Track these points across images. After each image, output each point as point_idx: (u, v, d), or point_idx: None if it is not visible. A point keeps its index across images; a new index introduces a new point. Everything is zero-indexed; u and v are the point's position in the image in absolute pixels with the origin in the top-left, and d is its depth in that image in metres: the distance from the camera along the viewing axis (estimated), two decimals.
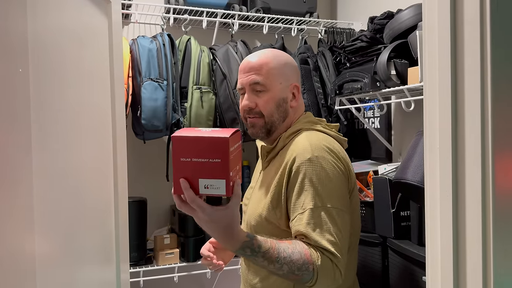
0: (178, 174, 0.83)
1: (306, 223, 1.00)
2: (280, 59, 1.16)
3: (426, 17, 0.77)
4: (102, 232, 1.10)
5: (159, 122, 1.78)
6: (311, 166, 1.03)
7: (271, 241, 0.96)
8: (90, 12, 1.05)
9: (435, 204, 0.75)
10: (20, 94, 0.63)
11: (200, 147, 0.81)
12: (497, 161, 0.66)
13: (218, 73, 1.95)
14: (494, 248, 0.65)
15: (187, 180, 0.83)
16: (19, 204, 0.64)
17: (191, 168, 0.82)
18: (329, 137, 1.12)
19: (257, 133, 1.16)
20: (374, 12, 2.09)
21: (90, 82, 1.04)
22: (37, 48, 0.71)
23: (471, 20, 0.69)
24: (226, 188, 0.83)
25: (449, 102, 0.72)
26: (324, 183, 1.02)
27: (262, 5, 2.19)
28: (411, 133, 1.92)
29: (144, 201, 1.99)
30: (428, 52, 0.77)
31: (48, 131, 0.76)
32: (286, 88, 1.15)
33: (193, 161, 0.82)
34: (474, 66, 0.68)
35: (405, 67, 1.55)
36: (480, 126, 0.67)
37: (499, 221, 0.66)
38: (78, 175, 0.93)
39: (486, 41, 0.67)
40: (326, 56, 2.12)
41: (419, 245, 1.40)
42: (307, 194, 1.02)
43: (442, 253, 0.73)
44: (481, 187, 0.67)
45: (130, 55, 1.78)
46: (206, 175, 0.82)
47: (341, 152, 1.11)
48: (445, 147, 0.73)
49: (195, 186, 0.83)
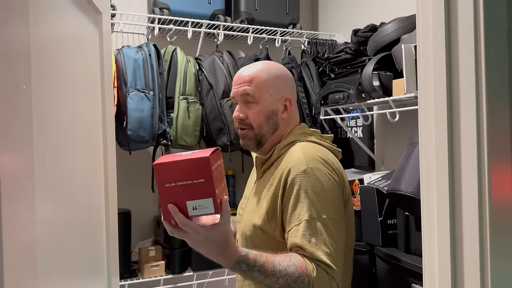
0: (165, 200, 0.85)
1: (301, 235, 1.01)
2: (271, 71, 1.18)
3: (421, 32, 0.80)
4: (94, 246, 1.08)
5: (145, 132, 1.76)
6: (306, 177, 1.04)
7: (266, 254, 0.97)
8: (82, 23, 1.03)
9: (432, 215, 0.77)
10: (23, 111, 0.62)
11: (183, 170, 0.83)
12: (493, 172, 0.69)
13: (205, 83, 1.95)
14: (492, 259, 0.68)
15: (175, 205, 0.84)
16: (22, 221, 0.62)
17: (177, 192, 0.83)
18: (323, 148, 1.14)
19: (248, 144, 1.18)
20: (355, 24, 2.15)
21: (82, 94, 1.02)
22: (38, 63, 0.69)
23: (465, 37, 0.72)
24: (214, 205, 0.84)
25: (445, 114, 0.74)
26: (319, 194, 1.03)
27: (246, 16, 2.22)
28: (393, 142, 1.97)
29: (128, 213, 1.95)
30: (422, 65, 0.80)
31: (48, 147, 0.74)
32: (278, 100, 1.17)
33: (178, 185, 0.83)
34: (469, 81, 0.71)
35: (390, 79, 1.60)
36: (476, 137, 0.70)
37: (496, 232, 0.68)
38: (72, 188, 0.91)
39: (480, 54, 0.70)
40: (310, 66, 2.15)
41: (406, 253, 1.43)
42: (303, 206, 1.03)
43: (439, 264, 0.75)
44: (478, 198, 0.69)
45: (115, 65, 1.76)
46: (193, 196, 0.84)
47: (336, 163, 1.12)
48: (441, 159, 0.75)
49: (184, 210, 0.85)
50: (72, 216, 0.91)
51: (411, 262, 1.34)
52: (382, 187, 1.51)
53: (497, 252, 0.68)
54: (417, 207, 0.83)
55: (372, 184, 1.57)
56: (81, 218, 0.97)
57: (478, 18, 0.70)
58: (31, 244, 0.66)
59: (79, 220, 0.96)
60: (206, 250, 0.91)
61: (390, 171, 1.64)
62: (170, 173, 0.83)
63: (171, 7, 2.06)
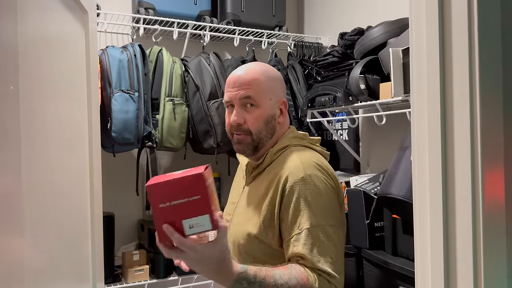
0: (160, 221, 0.82)
1: (303, 244, 0.98)
2: (269, 74, 1.14)
3: (414, 34, 0.80)
4: (78, 251, 1.04)
5: (130, 134, 1.73)
6: (305, 185, 1.02)
7: (265, 268, 0.94)
8: (68, 22, 1.00)
9: (424, 219, 0.77)
10: (11, 112, 0.59)
11: (177, 188, 0.81)
12: (486, 175, 0.69)
13: (191, 85, 1.92)
14: (485, 262, 0.68)
15: (170, 225, 0.81)
16: (9, 225, 0.59)
17: (172, 212, 0.81)
18: (317, 154, 1.13)
19: (244, 150, 1.13)
20: (341, 27, 2.16)
21: (68, 94, 0.99)
22: (25, 63, 0.67)
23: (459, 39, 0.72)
24: (212, 222, 0.82)
25: (439, 117, 0.75)
26: (318, 201, 1.02)
27: (232, 18, 2.20)
28: (379, 145, 1.98)
29: (112, 216, 1.91)
30: (416, 68, 0.80)
31: (35, 150, 0.71)
32: (275, 104, 1.13)
33: (173, 204, 0.81)
34: (463, 84, 0.72)
35: (377, 82, 1.61)
36: (469, 140, 0.70)
37: (489, 235, 0.69)
38: (58, 191, 0.88)
39: (474, 56, 0.70)
40: (296, 69, 2.15)
41: (393, 255, 1.44)
42: (303, 214, 1.00)
43: (432, 268, 0.75)
44: (471, 202, 0.70)
45: (99, 66, 1.72)
46: (189, 214, 0.81)
47: (329, 168, 1.11)
48: (434, 162, 0.75)
49: (180, 229, 0.82)
50: (57, 220, 0.88)
51: (398, 264, 1.35)
52: (369, 189, 1.52)
53: (491, 256, 0.69)
54: (408, 210, 0.84)
55: (359, 186, 1.57)
56: (66, 223, 0.94)
57: (472, 20, 0.70)
58: (17, 249, 0.63)
59: (64, 225, 0.92)
60: (205, 269, 0.88)
61: (377, 174, 1.66)
62: (164, 193, 0.81)
63: (156, 7, 2.04)
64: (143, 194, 2.06)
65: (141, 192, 2.04)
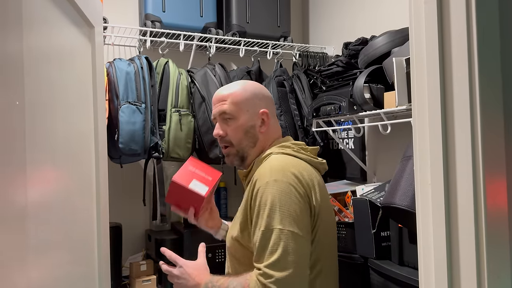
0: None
1: (257, 246, 1.05)
2: (246, 88, 1.24)
3: (414, 45, 0.81)
4: (85, 262, 1.05)
5: (137, 145, 1.75)
6: (267, 189, 1.07)
7: (228, 277, 1.13)
8: (74, 37, 1.03)
9: (427, 229, 0.77)
10: (17, 127, 0.61)
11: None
12: (488, 184, 0.69)
13: (197, 96, 1.95)
14: (488, 272, 0.68)
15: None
16: (14, 238, 0.60)
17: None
18: (297, 161, 1.16)
19: (232, 161, 1.25)
20: (345, 37, 2.18)
21: (75, 107, 1.01)
22: (31, 78, 0.68)
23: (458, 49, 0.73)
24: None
25: (440, 127, 0.75)
26: (279, 205, 1.05)
27: (238, 29, 2.23)
28: (385, 154, 1.98)
29: (119, 227, 1.93)
30: (416, 78, 0.81)
31: (41, 163, 0.73)
32: (254, 115, 1.22)
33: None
34: (463, 93, 0.72)
35: (381, 91, 1.61)
36: (470, 149, 0.71)
37: (492, 244, 0.69)
38: (65, 203, 0.89)
39: (474, 66, 0.71)
40: (302, 79, 2.16)
41: (400, 265, 1.43)
42: (263, 217, 1.06)
43: (436, 278, 0.75)
44: (474, 211, 0.70)
45: (107, 78, 1.75)
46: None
47: (306, 176, 1.12)
48: (436, 172, 0.75)
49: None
50: (64, 231, 0.89)
51: (404, 274, 1.33)
52: (375, 199, 1.52)
53: (494, 264, 0.68)
54: (412, 220, 0.83)
55: (365, 196, 1.57)
56: (73, 233, 0.95)
57: (471, 30, 0.71)
58: (22, 261, 0.64)
59: (71, 235, 0.94)
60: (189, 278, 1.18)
61: (383, 183, 1.65)
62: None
63: (163, 20, 2.07)
64: (150, 205, 2.07)
65: (148, 202, 2.05)
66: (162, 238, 1.95)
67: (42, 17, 0.79)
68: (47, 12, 0.82)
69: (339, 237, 1.65)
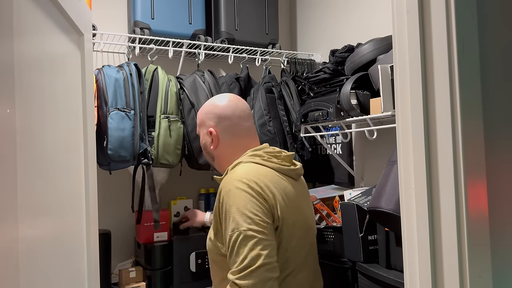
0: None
1: (228, 249, 1.12)
2: (205, 106, 1.37)
3: (397, 53, 0.84)
4: (74, 269, 1.05)
5: (126, 152, 1.75)
6: (229, 196, 1.15)
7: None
8: (64, 44, 1.03)
9: (412, 231, 0.79)
10: (7, 136, 0.61)
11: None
12: (469, 188, 0.72)
13: (186, 102, 1.96)
14: (470, 272, 0.70)
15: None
16: (4, 243, 0.61)
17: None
18: (263, 169, 1.22)
19: (213, 171, 1.47)
20: (332, 44, 2.21)
21: (64, 114, 1.01)
22: (21, 85, 0.69)
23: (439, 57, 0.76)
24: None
25: (422, 133, 0.78)
26: (240, 211, 1.12)
27: (226, 36, 2.25)
28: (372, 159, 2.01)
29: (108, 234, 1.92)
30: (399, 85, 0.83)
31: (31, 170, 0.73)
32: (205, 134, 1.36)
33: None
34: (444, 99, 0.75)
35: (367, 98, 1.65)
36: (452, 154, 0.73)
37: (473, 245, 0.71)
38: (54, 210, 0.90)
39: (454, 73, 0.73)
40: (290, 85, 2.19)
41: (387, 268, 1.45)
42: (229, 222, 1.13)
43: (420, 280, 0.77)
44: (456, 214, 0.72)
45: (95, 85, 1.75)
46: None
47: (269, 183, 1.19)
48: (419, 176, 0.78)
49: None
50: (53, 238, 0.89)
51: (392, 277, 1.36)
52: (362, 203, 1.54)
53: (475, 265, 0.71)
54: (397, 223, 0.85)
55: (352, 200, 1.59)
56: (62, 240, 0.95)
57: (451, 39, 0.74)
58: (12, 268, 0.64)
59: (60, 242, 0.94)
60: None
61: (370, 187, 1.68)
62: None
63: (151, 27, 2.08)
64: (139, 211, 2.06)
65: (137, 209, 2.05)
66: (151, 246, 1.95)
67: (32, 25, 0.80)
68: (37, 19, 0.83)
69: (327, 241, 1.67)
